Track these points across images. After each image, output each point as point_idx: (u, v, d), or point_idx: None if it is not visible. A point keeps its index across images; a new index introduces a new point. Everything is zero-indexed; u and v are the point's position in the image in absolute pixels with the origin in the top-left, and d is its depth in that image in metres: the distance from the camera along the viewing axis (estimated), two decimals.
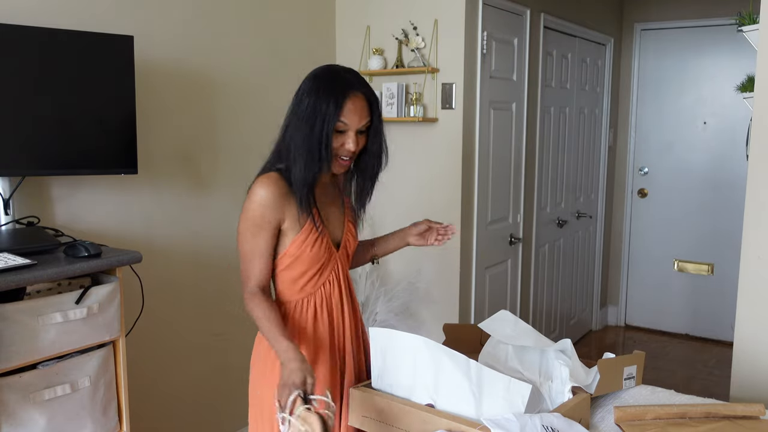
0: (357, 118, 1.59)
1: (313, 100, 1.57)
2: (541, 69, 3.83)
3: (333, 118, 1.56)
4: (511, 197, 3.63)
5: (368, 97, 1.62)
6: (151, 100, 2.52)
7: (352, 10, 3.37)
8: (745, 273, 2.31)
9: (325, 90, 1.57)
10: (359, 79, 1.63)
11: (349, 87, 1.58)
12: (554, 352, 1.66)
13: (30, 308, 1.75)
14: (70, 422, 1.86)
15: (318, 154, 1.57)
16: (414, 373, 1.53)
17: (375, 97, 1.64)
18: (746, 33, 2.30)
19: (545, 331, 4.21)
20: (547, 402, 1.57)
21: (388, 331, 1.60)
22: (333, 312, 1.73)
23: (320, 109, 1.56)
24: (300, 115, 1.59)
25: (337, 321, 1.75)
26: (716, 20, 4.58)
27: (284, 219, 1.63)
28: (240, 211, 1.65)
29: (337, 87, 1.58)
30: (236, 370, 3.02)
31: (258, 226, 1.62)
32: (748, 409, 1.58)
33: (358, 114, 1.59)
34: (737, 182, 4.46)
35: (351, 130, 1.59)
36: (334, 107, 1.55)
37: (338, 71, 1.63)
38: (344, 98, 1.57)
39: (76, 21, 2.25)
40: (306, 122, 1.57)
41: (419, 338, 1.53)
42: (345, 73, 1.63)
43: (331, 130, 1.56)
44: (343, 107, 1.56)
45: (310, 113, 1.57)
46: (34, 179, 2.17)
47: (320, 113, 1.56)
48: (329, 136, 1.56)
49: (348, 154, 1.62)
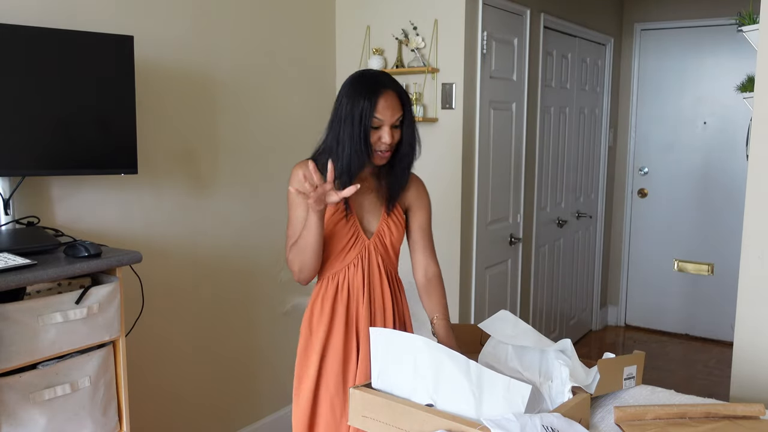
0: (390, 113, 1.76)
1: (350, 101, 1.77)
2: (541, 69, 3.83)
3: (369, 114, 1.75)
4: (511, 197, 3.63)
5: (399, 94, 1.80)
6: (151, 100, 2.52)
7: (352, 10, 3.37)
8: (745, 273, 2.31)
9: (360, 90, 1.77)
10: (390, 78, 1.83)
11: (382, 86, 1.77)
12: (554, 352, 1.66)
13: (30, 308, 1.75)
14: (70, 422, 1.86)
15: (360, 147, 1.75)
16: (414, 373, 1.53)
17: (406, 93, 1.84)
18: (746, 33, 2.30)
19: (545, 331, 4.21)
20: (547, 402, 1.57)
21: (389, 331, 1.61)
22: (351, 296, 1.88)
23: (357, 107, 1.75)
24: (340, 115, 1.78)
25: (355, 306, 1.88)
26: (716, 20, 4.59)
27: None
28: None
29: (371, 86, 1.77)
30: (236, 370, 3.03)
31: (294, 198, 1.85)
32: (748, 409, 1.58)
33: (391, 109, 1.77)
34: (737, 182, 4.46)
35: (386, 125, 1.77)
36: (369, 104, 1.74)
37: (371, 73, 1.84)
38: (377, 96, 1.75)
39: (76, 21, 2.25)
40: (346, 120, 1.76)
41: (419, 338, 1.54)
42: (377, 74, 1.84)
43: (369, 125, 1.75)
44: (377, 104, 1.75)
45: (349, 112, 1.76)
46: (34, 179, 2.17)
47: (357, 111, 1.75)
48: (367, 131, 1.76)
49: (386, 147, 1.79)
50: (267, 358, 3.14)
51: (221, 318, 2.92)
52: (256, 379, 3.11)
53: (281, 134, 3.10)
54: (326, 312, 1.87)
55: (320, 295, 1.90)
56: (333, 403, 1.86)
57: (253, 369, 3.09)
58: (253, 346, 3.09)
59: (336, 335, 1.87)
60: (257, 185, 3.00)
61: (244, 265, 2.97)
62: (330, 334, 1.87)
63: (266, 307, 3.12)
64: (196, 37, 2.70)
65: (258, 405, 3.13)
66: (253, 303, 3.05)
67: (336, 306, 1.87)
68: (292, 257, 1.82)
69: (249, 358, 3.07)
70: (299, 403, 1.89)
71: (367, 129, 1.75)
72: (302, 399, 1.89)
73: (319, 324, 1.88)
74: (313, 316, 1.90)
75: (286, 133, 3.12)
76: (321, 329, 1.87)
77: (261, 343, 3.12)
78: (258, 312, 3.09)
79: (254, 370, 3.10)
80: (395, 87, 1.80)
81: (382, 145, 1.79)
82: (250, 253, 2.98)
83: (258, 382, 3.12)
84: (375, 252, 1.89)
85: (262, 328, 3.12)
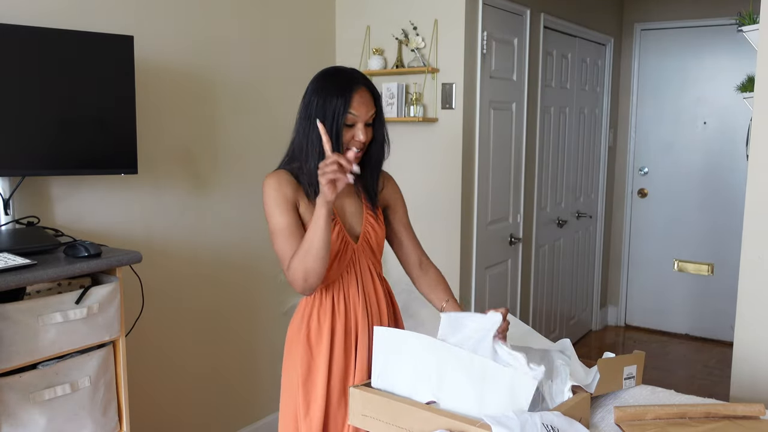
0: (365, 110, 1.68)
1: (322, 98, 1.67)
2: (541, 69, 3.83)
3: (343, 111, 1.65)
4: (511, 197, 3.63)
5: (372, 91, 1.72)
6: (151, 100, 2.52)
7: (352, 10, 3.37)
8: (745, 273, 2.31)
9: (332, 87, 1.67)
10: (361, 74, 1.74)
11: (355, 81, 1.69)
12: (554, 352, 1.66)
13: (30, 308, 1.75)
14: (70, 422, 1.86)
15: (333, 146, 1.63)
16: (416, 371, 1.53)
17: (377, 91, 1.75)
18: (746, 33, 2.30)
19: (545, 331, 4.21)
20: (547, 402, 1.57)
21: (393, 330, 1.60)
22: (348, 307, 1.78)
23: (330, 105, 1.65)
24: (310, 114, 1.68)
25: (353, 315, 1.79)
26: (716, 20, 4.59)
27: (298, 202, 1.72)
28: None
29: (344, 83, 1.68)
30: (236, 370, 3.03)
31: (277, 206, 1.70)
32: (748, 409, 1.58)
33: (366, 106, 1.68)
34: (737, 182, 4.46)
35: (360, 122, 1.68)
36: (343, 101, 1.65)
37: (341, 69, 1.75)
38: (351, 92, 1.66)
39: (76, 21, 2.25)
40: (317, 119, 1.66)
41: (423, 337, 1.54)
42: (348, 70, 1.74)
43: (342, 122, 1.66)
44: (351, 100, 1.66)
45: (320, 110, 1.66)
46: (34, 179, 2.17)
47: (330, 108, 1.65)
48: (340, 128, 1.66)
49: (359, 146, 1.70)
50: (267, 358, 3.14)
51: (221, 318, 2.92)
52: (255, 379, 3.11)
53: (281, 134, 3.09)
54: (325, 329, 1.76)
55: (315, 309, 1.77)
56: (336, 416, 1.78)
57: (253, 369, 3.09)
58: (253, 346, 3.09)
59: (338, 350, 1.76)
60: (257, 185, 2.97)
61: (244, 265, 2.97)
62: (333, 352, 1.76)
63: (266, 307, 3.12)
64: (196, 37, 2.70)
65: (258, 405, 3.13)
66: (253, 303, 3.05)
67: (335, 322, 1.77)
68: (297, 267, 1.63)
69: (249, 358, 3.07)
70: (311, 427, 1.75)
71: (340, 127, 1.65)
72: (314, 423, 1.75)
73: (318, 342, 1.76)
74: (311, 332, 1.76)
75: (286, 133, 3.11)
76: (323, 348, 1.76)
77: (261, 343, 3.12)
78: (258, 312, 3.09)
79: (254, 370, 3.10)
80: (368, 84, 1.72)
81: (356, 143, 1.69)
82: (250, 253, 2.98)
83: (258, 382, 3.12)
84: (364, 255, 1.81)
85: (262, 328, 3.12)
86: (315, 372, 1.76)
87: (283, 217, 1.69)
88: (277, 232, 1.69)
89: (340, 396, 1.77)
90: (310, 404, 1.75)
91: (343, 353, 1.77)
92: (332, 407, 1.78)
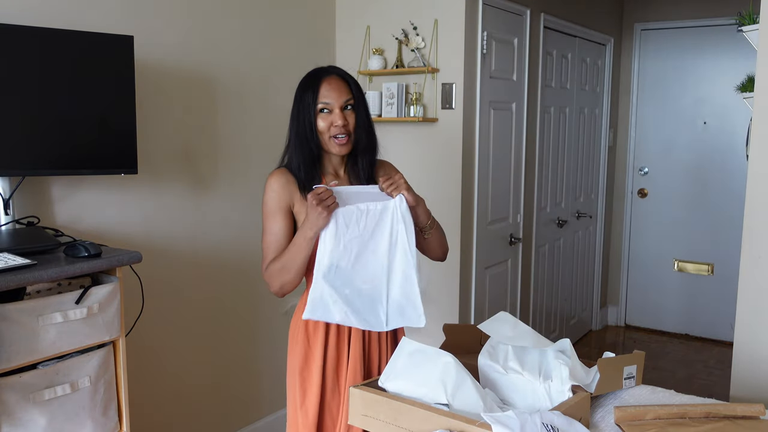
0: (336, 94, 1.77)
1: (298, 98, 1.80)
2: (541, 69, 3.83)
3: (313, 100, 1.76)
4: (511, 197, 3.63)
5: (343, 76, 1.81)
6: (151, 100, 2.52)
7: (352, 10, 3.37)
8: (745, 273, 2.31)
9: (304, 83, 1.81)
10: (334, 66, 1.85)
11: (324, 72, 1.80)
12: (554, 352, 1.66)
13: (30, 308, 1.75)
14: (70, 422, 1.86)
15: (305, 136, 1.77)
16: (433, 381, 1.51)
17: (350, 76, 1.83)
18: (746, 33, 2.30)
19: (545, 331, 4.21)
20: (547, 402, 1.57)
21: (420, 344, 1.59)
22: None
23: (304, 100, 1.78)
24: (294, 115, 1.82)
25: None
26: (716, 20, 4.59)
27: (293, 203, 1.80)
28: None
29: (313, 76, 1.81)
30: (236, 370, 3.03)
31: (271, 210, 1.80)
32: (748, 409, 1.58)
33: (336, 90, 1.77)
34: (737, 182, 4.46)
35: (335, 108, 1.76)
36: (311, 93, 1.77)
37: (315, 68, 1.85)
38: (319, 82, 1.77)
39: (76, 21, 2.25)
40: (298, 117, 1.80)
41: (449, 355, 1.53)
42: (320, 66, 1.85)
43: (314, 113, 1.76)
44: (319, 89, 1.76)
45: (298, 109, 1.80)
46: (34, 179, 2.17)
47: (304, 102, 1.78)
48: (312, 119, 1.76)
49: (340, 131, 1.77)
50: (267, 358, 3.14)
51: (221, 318, 2.92)
52: (256, 379, 3.11)
53: (281, 134, 3.09)
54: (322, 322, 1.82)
55: None
56: (330, 406, 1.85)
57: (253, 369, 3.09)
58: (253, 346, 3.09)
59: (332, 342, 1.84)
60: (257, 185, 2.98)
61: (244, 265, 2.97)
62: (328, 343, 1.84)
63: (266, 307, 3.12)
64: (196, 37, 2.70)
65: (258, 405, 3.14)
66: (252, 303, 3.05)
67: None
68: (274, 275, 1.76)
69: (249, 358, 3.07)
70: (307, 416, 1.83)
71: (312, 117, 1.76)
72: (310, 412, 1.83)
73: (315, 335, 1.84)
74: (309, 323, 1.84)
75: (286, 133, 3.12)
76: (318, 340, 1.83)
77: (261, 343, 3.12)
78: (258, 312, 3.09)
79: (254, 370, 3.10)
80: (339, 72, 1.81)
81: (335, 129, 1.76)
82: (250, 253, 2.98)
83: (258, 382, 3.12)
84: None
85: (262, 328, 3.12)
86: (311, 361, 1.84)
87: (276, 223, 1.80)
88: (267, 232, 1.81)
89: (333, 385, 1.85)
90: (306, 392, 1.84)
91: (336, 344, 1.84)
92: (327, 396, 1.85)
